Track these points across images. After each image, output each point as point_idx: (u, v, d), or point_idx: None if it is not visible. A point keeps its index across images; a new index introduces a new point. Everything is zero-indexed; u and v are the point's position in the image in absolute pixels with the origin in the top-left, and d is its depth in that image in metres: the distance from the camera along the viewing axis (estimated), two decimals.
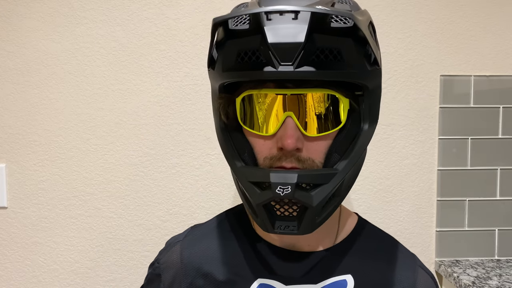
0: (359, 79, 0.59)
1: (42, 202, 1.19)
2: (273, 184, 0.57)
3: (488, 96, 1.23)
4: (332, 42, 0.56)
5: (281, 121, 0.59)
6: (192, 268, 0.72)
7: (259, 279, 0.68)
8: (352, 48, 0.57)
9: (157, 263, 0.78)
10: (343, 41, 0.56)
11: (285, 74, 0.55)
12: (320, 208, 0.60)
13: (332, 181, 0.59)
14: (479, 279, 1.13)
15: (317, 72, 0.56)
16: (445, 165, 1.24)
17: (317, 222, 0.61)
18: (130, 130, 1.19)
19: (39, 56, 1.17)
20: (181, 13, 1.18)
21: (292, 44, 0.54)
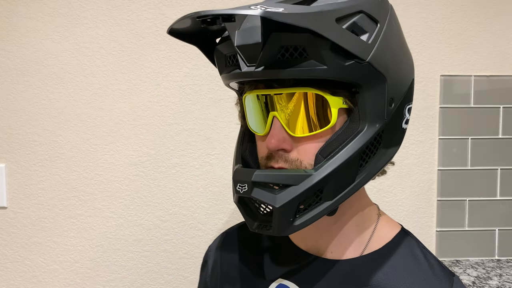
0: (334, 76, 0.56)
1: (42, 202, 1.19)
2: (234, 182, 0.60)
3: (488, 96, 1.23)
4: (294, 39, 0.55)
5: (269, 121, 0.60)
6: (226, 259, 0.77)
7: (280, 279, 0.69)
8: (316, 44, 0.54)
9: (207, 250, 0.83)
10: (304, 38, 0.55)
11: (248, 74, 0.57)
12: (290, 210, 0.57)
13: (303, 184, 0.57)
14: (479, 279, 1.12)
15: (278, 71, 0.56)
16: (445, 165, 1.24)
17: (295, 224, 0.58)
18: (130, 130, 1.19)
19: (39, 56, 1.17)
20: (181, 13, 1.18)
21: (252, 46, 0.56)
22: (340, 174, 0.59)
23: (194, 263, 1.21)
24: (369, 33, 0.58)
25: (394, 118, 0.62)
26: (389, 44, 0.60)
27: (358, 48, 0.56)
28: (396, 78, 0.61)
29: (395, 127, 0.63)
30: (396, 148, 0.65)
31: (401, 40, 0.64)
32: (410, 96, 0.65)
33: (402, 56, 0.63)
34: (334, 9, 0.56)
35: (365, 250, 0.67)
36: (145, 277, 1.21)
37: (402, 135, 0.65)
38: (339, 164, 0.58)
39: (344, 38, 0.55)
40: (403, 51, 0.64)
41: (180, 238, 1.21)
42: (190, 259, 1.21)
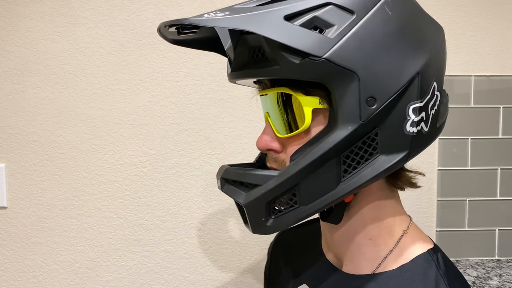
0: (289, 75, 0.56)
1: (42, 202, 1.19)
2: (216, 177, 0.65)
3: (489, 96, 1.23)
4: (256, 41, 0.57)
5: (265, 121, 0.63)
6: (275, 256, 0.82)
7: (304, 285, 0.71)
8: (269, 44, 0.55)
9: (270, 243, 0.87)
10: (259, 38, 0.56)
11: (230, 76, 0.62)
12: (258, 209, 0.58)
13: (267, 184, 0.57)
14: (479, 279, 1.12)
15: (246, 72, 0.58)
16: (445, 165, 1.24)
17: (268, 225, 0.59)
18: (130, 130, 1.19)
19: (39, 56, 1.17)
20: (181, 13, 1.18)
21: (229, 49, 0.60)
22: (313, 178, 0.56)
23: (194, 263, 1.21)
24: (336, 26, 0.54)
25: (391, 120, 0.55)
26: (369, 35, 0.54)
27: (311, 45, 0.53)
28: (378, 74, 0.55)
29: (394, 131, 0.56)
30: (401, 154, 0.57)
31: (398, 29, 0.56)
32: (413, 94, 0.56)
33: (393, 48, 0.55)
34: (284, 7, 0.55)
35: (379, 268, 0.62)
36: (145, 277, 1.21)
37: (409, 139, 0.57)
38: (302, 167, 0.56)
39: (291, 36, 0.53)
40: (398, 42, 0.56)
41: (180, 238, 1.21)
42: (190, 259, 1.21)
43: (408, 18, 0.57)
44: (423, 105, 0.57)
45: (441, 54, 0.60)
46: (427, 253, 0.62)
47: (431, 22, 0.61)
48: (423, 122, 0.57)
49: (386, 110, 0.55)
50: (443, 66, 0.61)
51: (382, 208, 0.63)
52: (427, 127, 0.58)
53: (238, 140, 1.20)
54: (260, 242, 1.22)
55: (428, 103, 0.57)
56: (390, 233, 0.63)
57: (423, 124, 0.57)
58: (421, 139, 0.58)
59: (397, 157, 0.56)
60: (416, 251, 0.62)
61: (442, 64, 0.61)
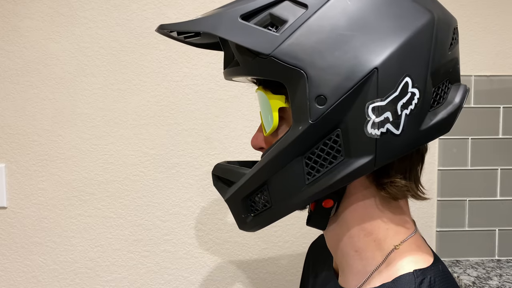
0: (247, 73, 0.57)
1: (42, 202, 1.19)
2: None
3: (489, 96, 1.23)
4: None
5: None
6: (309, 257, 0.83)
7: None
8: (230, 43, 0.58)
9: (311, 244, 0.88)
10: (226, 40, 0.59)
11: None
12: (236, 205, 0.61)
13: (239, 181, 0.60)
14: (479, 279, 1.12)
15: (225, 71, 0.62)
16: (445, 165, 1.24)
17: (247, 222, 0.61)
18: (130, 130, 1.19)
19: (39, 56, 1.17)
20: (181, 13, 1.18)
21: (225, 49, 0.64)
22: (279, 178, 0.56)
23: (194, 263, 1.21)
24: (289, 21, 0.53)
25: (351, 121, 0.51)
26: (320, 29, 0.52)
27: (259, 43, 0.53)
28: (328, 70, 0.51)
29: (356, 132, 0.52)
30: (366, 159, 0.52)
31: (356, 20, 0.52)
32: (372, 92, 0.51)
33: (348, 41, 0.51)
34: (241, 7, 0.55)
35: (365, 283, 0.59)
36: (145, 277, 1.21)
37: (373, 142, 0.51)
38: (263, 166, 0.56)
39: (242, 35, 0.53)
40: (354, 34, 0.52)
41: (180, 238, 1.21)
42: (190, 259, 1.21)
43: (371, 7, 0.52)
44: (385, 104, 0.51)
45: (423, 45, 0.53)
46: (412, 273, 0.55)
47: (411, 10, 0.53)
48: (389, 124, 0.51)
49: (340, 109, 0.51)
50: (427, 58, 0.53)
51: (370, 218, 0.58)
52: (400, 129, 0.52)
53: (238, 140, 1.20)
54: (260, 243, 1.22)
55: (396, 102, 0.51)
56: (379, 246, 0.58)
57: (390, 126, 0.51)
58: (392, 142, 0.52)
59: (361, 161, 0.52)
60: (401, 270, 0.56)
61: (424, 57, 0.53)
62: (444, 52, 0.55)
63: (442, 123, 0.55)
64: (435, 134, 0.55)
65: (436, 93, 0.55)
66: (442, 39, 0.54)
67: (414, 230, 0.60)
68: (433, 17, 0.54)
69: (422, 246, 0.60)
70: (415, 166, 0.60)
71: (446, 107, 0.56)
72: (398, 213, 0.60)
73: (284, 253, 1.23)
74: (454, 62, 0.57)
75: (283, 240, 1.22)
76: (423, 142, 0.55)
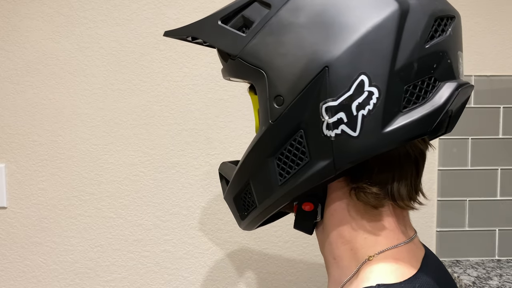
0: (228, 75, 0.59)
1: (42, 202, 1.19)
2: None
3: (489, 96, 1.23)
4: None
5: None
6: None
7: None
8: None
9: None
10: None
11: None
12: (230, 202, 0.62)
13: (231, 180, 0.61)
14: (479, 279, 1.12)
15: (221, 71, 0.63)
16: (445, 165, 1.24)
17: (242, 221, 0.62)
18: (129, 130, 1.19)
19: (39, 56, 1.17)
20: (181, 13, 1.18)
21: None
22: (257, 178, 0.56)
23: (194, 263, 1.21)
24: (255, 22, 0.53)
25: (309, 121, 0.50)
26: (278, 28, 0.51)
27: (229, 45, 0.54)
28: (284, 70, 0.50)
29: (314, 133, 0.50)
30: (325, 162, 0.50)
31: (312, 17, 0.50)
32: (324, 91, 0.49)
33: (304, 39, 0.50)
34: (221, 10, 0.56)
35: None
36: (145, 277, 1.21)
37: (329, 144, 0.49)
38: (240, 165, 0.58)
39: (218, 37, 0.55)
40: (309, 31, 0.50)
41: (180, 238, 1.21)
42: (190, 259, 1.21)
43: (332, 2, 0.50)
44: (338, 104, 0.48)
45: (383, 40, 0.48)
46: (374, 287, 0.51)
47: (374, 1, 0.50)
48: (344, 125, 0.48)
49: (298, 109, 0.50)
50: (388, 54, 0.48)
51: (348, 226, 0.55)
52: (357, 130, 0.48)
53: (238, 140, 1.20)
54: (260, 243, 1.22)
55: (350, 102, 0.48)
56: (355, 256, 0.55)
57: (345, 127, 0.48)
58: (350, 145, 0.49)
59: (321, 164, 0.50)
60: (366, 282, 0.53)
61: (385, 52, 0.48)
62: (418, 45, 0.49)
63: (416, 125, 0.49)
64: (407, 136, 0.49)
65: (412, 92, 0.49)
66: (414, 31, 0.49)
67: (403, 242, 0.56)
68: (400, 8, 0.48)
69: (403, 259, 0.54)
70: (405, 173, 0.55)
71: (425, 107, 0.49)
72: (381, 222, 0.55)
73: (284, 253, 1.23)
74: (439, 57, 0.50)
75: (283, 240, 1.22)
76: (392, 146, 0.49)
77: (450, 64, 0.52)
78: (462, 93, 0.52)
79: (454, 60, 0.52)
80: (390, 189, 0.54)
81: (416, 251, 0.58)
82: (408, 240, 0.57)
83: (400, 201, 0.55)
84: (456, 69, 0.53)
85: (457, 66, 0.53)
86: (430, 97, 0.50)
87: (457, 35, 0.54)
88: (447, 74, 0.52)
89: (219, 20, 0.55)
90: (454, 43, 0.53)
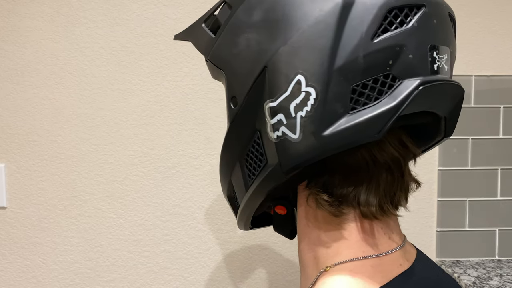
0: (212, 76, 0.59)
1: (42, 202, 1.19)
2: None
3: (489, 96, 1.23)
4: None
5: None
6: None
7: None
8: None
9: None
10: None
11: None
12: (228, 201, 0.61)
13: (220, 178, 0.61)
14: (479, 279, 1.12)
15: None
16: (445, 165, 1.23)
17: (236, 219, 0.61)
18: (129, 130, 1.19)
19: (39, 56, 1.17)
20: (181, 13, 1.18)
21: None
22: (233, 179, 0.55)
23: (194, 264, 1.21)
24: (222, 23, 0.53)
25: (260, 123, 0.48)
26: (234, 29, 0.50)
27: (203, 46, 0.54)
28: (237, 70, 0.50)
29: (266, 136, 0.48)
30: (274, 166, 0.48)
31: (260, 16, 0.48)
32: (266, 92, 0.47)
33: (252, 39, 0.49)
34: (205, 13, 0.57)
35: None
36: (145, 278, 1.21)
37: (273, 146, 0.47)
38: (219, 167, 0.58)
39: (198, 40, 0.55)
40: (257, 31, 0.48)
41: (180, 239, 1.21)
42: (190, 259, 1.21)
43: (277, 1, 0.48)
44: (277, 105, 0.46)
45: (320, 37, 0.45)
46: None
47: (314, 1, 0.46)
48: (284, 127, 0.46)
49: (248, 111, 0.49)
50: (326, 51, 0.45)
51: (312, 233, 0.53)
52: (297, 133, 0.46)
53: None
54: (260, 243, 1.22)
55: (289, 103, 0.46)
56: (317, 265, 0.53)
57: (285, 129, 0.46)
58: (292, 148, 0.46)
59: (272, 167, 0.48)
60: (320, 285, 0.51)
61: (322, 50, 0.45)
62: (363, 41, 0.44)
63: (361, 128, 0.45)
64: (350, 140, 0.45)
65: (361, 91, 0.45)
66: (358, 25, 0.45)
67: (370, 255, 0.51)
68: (344, 1, 0.45)
69: (363, 273, 0.50)
70: (375, 181, 0.50)
71: (376, 108, 0.45)
72: (344, 232, 0.51)
73: (284, 253, 1.23)
74: (395, 52, 0.45)
75: (283, 240, 1.22)
76: (335, 150, 0.45)
77: (413, 60, 0.46)
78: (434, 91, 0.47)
79: (420, 55, 0.46)
80: (356, 198, 0.49)
81: (390, 266, 0.51)
82: (379, 254, 0.51)
83: (367, 211, 0.50)
84: (425, 65, 0.47)
85: (426, 61, 0.47)
86: (386, 97, 0.45)
87: (428, 26, 0.47)
88: (410, 71, 0.46)
89: (203, 23, 0.56)
90: (423, 36, 0.46)
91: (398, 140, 0.51)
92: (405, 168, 0.54)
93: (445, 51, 0.49)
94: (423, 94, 0.45)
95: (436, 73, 0.47)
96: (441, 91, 0.48)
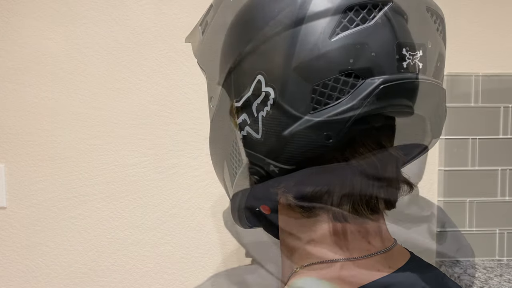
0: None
1: (41, 202, 1.19)
2: None
3: (490, 95, 1.23)
4: None
5: None
6: None
7: None
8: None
9: None
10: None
11: None
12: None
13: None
14: (480, 280, 1.12)
15: None
16: (446, 165, 1.23)
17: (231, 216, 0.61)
18: (128, 129, 1.18)
19: (37, 56, 1.17)
20: (181, 12, 1.18)
21: None
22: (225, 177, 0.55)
23: (193, 265, 1.21)
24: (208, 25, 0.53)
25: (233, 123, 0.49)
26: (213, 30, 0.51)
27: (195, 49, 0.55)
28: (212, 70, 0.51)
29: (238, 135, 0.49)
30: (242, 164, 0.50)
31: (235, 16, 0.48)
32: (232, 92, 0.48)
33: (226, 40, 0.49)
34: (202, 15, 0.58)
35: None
36: (144, 279, 1.21)
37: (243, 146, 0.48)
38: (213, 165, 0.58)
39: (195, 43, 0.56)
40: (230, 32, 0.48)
41: (179, 240, 1.20)
42: (189, 260, 1.21)
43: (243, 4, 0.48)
44: (241, 105, 0.47)
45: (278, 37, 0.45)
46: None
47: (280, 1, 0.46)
48: (248, 126, 0.47)
49: (222, 110, 0.50)
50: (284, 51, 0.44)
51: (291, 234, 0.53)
52: (260, 133, 0.46)
53: None
54: (260, 243, 1.22)
55: (251, 103, 0.46)
56: (290, 265, 0.54)
57: (249, 129, 0.47)
58: (256, 147, 0.47)
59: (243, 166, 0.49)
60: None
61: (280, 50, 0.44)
62: (320, 39, 0.43)
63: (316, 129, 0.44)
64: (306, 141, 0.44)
65: (322, 91, 0.44)
66: (315, 23, 0.44)
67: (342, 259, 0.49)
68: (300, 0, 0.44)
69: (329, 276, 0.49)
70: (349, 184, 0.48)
71: (335, 108, 0.44)
72: (317, 233, 0.50)
73: None
74: (355, 50, 0.44)
75: None
76: (296, 149, 0.45)
77: (376, 58, 0.44)
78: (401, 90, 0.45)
79: (385, 53, 0.44)
80: (330, 199, 0.48)
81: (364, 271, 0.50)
82: (352, 258, 0.50)
83: (338, 214, 0.49)
84: (391, 63, 0.45)
85: (393, 59, 0.45)
86: (348, 96, 0.44)
87: (396, 22, 0.45)
88: (374, 70, 0.44)
89: (199, 25, 0.56)
90: (389, 33, 0.45)
91: (376, 143, 0.48)
92: (387, 170, 0.51)
93: (419, 47, 0.47)
94: (385, 92, 0.44)
95: (406, 71, 0.45)
96: (410, 89, 0.46)
